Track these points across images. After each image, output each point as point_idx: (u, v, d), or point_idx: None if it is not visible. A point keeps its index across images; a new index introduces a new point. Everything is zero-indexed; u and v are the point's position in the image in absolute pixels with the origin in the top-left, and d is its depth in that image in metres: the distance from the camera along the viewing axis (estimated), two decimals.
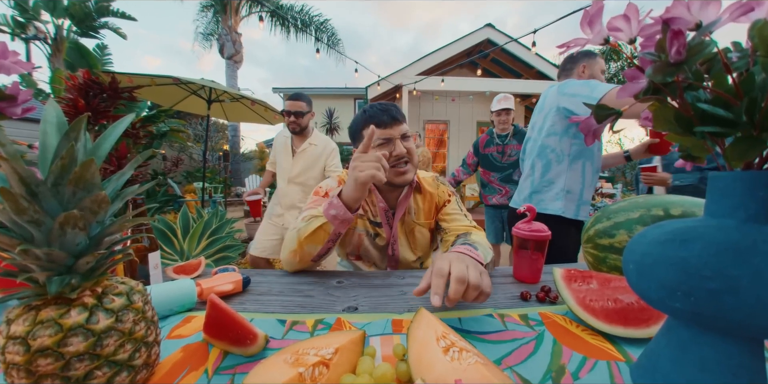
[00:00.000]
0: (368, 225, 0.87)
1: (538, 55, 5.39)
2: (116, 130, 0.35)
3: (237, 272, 0.66)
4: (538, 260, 0.68)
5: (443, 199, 0.90)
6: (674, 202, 0.60)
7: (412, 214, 0.88)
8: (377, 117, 0.77)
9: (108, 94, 1.79)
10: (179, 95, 3.21)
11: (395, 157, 0.77)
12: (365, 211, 0.87)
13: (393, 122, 0.77)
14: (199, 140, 8.34)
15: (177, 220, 1.86)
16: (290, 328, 0.48)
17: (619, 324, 0.44)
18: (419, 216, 0.89)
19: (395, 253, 0.88)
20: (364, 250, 0.89)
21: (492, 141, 2.22)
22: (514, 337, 0.45)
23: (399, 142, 0.77)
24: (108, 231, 0.32)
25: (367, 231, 0.87)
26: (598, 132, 0.35)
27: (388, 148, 0.77)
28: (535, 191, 1.29)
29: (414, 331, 0.39)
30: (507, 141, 2.15)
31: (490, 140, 2.23)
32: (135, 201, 0.58)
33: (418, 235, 0.90)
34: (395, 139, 0.77)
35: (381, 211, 0.86)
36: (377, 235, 0.87)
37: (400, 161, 0.78)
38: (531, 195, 1.30)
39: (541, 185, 1.27)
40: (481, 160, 2.34)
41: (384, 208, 0.86)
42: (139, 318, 0.34)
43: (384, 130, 0.77)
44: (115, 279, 0.36)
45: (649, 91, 0.28)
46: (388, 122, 0.77)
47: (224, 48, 8.52)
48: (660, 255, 0.29)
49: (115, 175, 0.34)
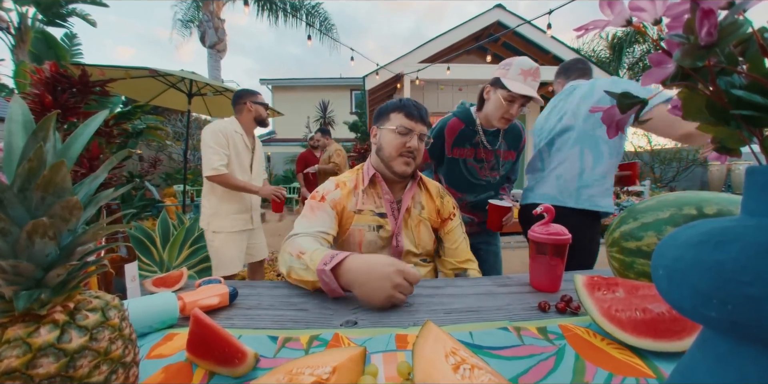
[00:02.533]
0: (371, 218, 0.92)
1: (554, 38, 5.39)
2: (88, 128, 0.35)
3: (223, 284, 0.66)
4: (558, 266, 0.68)
5: (448, 211, 1.00)
6: (708, 200, 0.59)
7: (418, 209, 0.97)
8: (411, 108, 0.91)
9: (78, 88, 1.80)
10: (156, 89, 3.22)
11: (407, 149, 0.90)
12: (370, 204, 0.94)
13: (421, 120, 0.91)
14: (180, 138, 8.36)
15: (156, 227, 1.87)
16: (283, 346, 0.48)
17: (648, 336, 0.44)
18: (426, 212, 0.97)
19: (399, 245, 0.93)
20: (367, 243, 0.93)
21: (469, 136, 1.28)
22: (532, 352, 0.45)
23: (416, 137, 0.91)
24: (80, 240, 0.32)
25: (369, 225, 0.92)
26: (622, 123, 0.35)
27: (406, 139, 0.90)
28: (586, 186, 1.25)
29: (420, 347, 0.39)
30: (497, 144, 1.31)
31: (467, 134, 1.28)
32: (109, 207, 0.59)
33: (423, 231, 0.96)
34: (414, 134, 0.91)
35: (386, 203, 0.94)
36: (380, 227, 0.92)
37: (409, 153, 0.91)
38: (579, 190, 1.25)
39: (593, 179, 1.25)
40: (444, 169, 1.35)
41: (390, 200, 0.94)
42: (116, 336, 0.34)
43: (410, 121, 0.90)
44: (89, 293, 0.36)
45: (677, 77, 0.28)
46: (417, 117, 0.90)
47: (206, 36, 8.56)
48: (693, 259, 0.29)
49: (88, 178, 0.35)
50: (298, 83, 11.85)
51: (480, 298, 0.66)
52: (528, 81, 1.12)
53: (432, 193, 1.01)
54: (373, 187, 0.96)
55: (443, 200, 1.01)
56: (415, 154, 0.91)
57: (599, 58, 9.45)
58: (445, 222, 1.00)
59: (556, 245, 0.67)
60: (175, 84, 3.14)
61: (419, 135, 0.91)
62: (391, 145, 0.90)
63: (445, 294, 0.69)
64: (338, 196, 0.91)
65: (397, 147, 0.90)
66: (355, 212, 0.92)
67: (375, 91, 5.80)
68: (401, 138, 0.89)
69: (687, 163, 8.57)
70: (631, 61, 9.23)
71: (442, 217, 1.00)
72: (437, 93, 6.30)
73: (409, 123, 0.90)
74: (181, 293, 0.59)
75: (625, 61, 9.26)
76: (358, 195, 0.94)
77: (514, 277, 0.79)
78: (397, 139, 0.90)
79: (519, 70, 1.12)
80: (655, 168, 8.96)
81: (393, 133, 0.90)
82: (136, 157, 5.92)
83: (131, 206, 3.40)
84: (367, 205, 0.93)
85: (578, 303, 0.60)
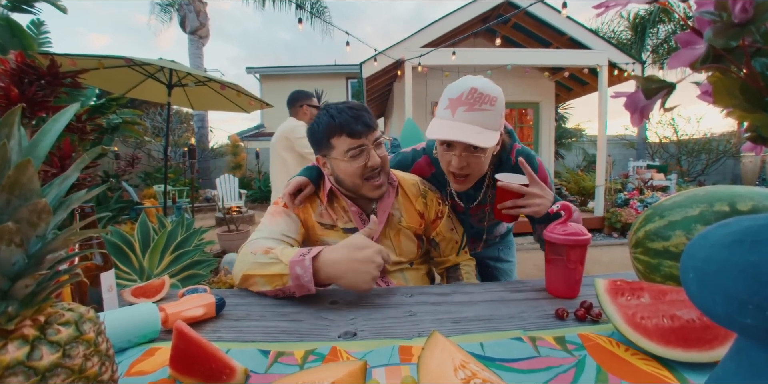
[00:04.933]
0: (343, 235, 0.89)
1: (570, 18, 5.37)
2: (57, 124, 0.35)
3: (209, 293, 0.66)
4: (576, 270, 0.68)
5: (434, 211, 0.96)
6: (742, 195, 0.59)
7: (396, 216, 0.93)
8: (350, 126, 0.79)
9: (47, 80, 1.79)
10: (133, 80, 3.22)
11: (370, 169, 0.82)
12: (334, 220, 0.91)
13: (367, 130, 0.81)
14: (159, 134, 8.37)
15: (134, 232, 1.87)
16: (275, 361, 0.48)
17: (677, 346, 0.44)
18: (404, 219, 0.93)
19: None
20: None
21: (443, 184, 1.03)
22: (549, 364, 0.45)
23: (373, 151, 0.82)
24: (50, 247, 0.32)
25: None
26: (647, 109, 0.34)
27: (363, 160, 0.81)
28: None
29: (426, 361, 0.39)
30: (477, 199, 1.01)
31: (439, 181, 1.04)
32: (83, 210, 0.59)
33: (403, 240, 0.93)
34: (369, 149, 0.81)
35: (354, 216, 0.90)
36: None
37: (374, 172, 0.84)
38: None
39: None
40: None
41: (357, 212, 0.90)
42: (91, 352, 0.34)
43: (356, 140, 0.80)
44: (61, 305, 0.36)
45: (708, 58, 0.28)
46: (362, 131, 0.80)
47: (186, 20, 8.55)
48: (726, 260, 0.29)
49: (58, 178, 0.34)
50: (289, 71, 11.84)
51: (491, 306, 0.66)
52: (458, 114, 0.79)
53: (410, 195, 0.95)
54: (336, 201, 0.92)
55: (426, 200, 0.96)
56: (382, 167, 0.84)
57: (620, 39, 9.41)
58: (434, 223, 0.96)
59: (574, 246, 0.67)
60: (154, 74, 3.14)
61: (375, 145, 0.82)
62: (350, 174, 0.82)
63: (452, 301, 0.69)
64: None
65: (358, 173, 0.81)
66: (324, 226, 0.91)
67: (373, 79, 5.78)
68: (357, 161, 0.80)
69: (717, 154, 8.56)
70: (655, 42, 9.19)
71: (428, 220, 0.96)
72: (442, 80, 6.29)
73: (357, 141, 0.79)
74: (162, 304, 0.59)
75: (649, 43, 9.22)
76: (321, 211, 0.91)
77: (528, 282, 0.79)
78: (353, 165, 0.80)
79: (446, 102, 0.82)
80: (682, 160, 8.94)
81: (345, 160, 0.80)
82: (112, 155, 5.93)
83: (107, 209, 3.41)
84: (336, 221, 0.91)
85: (599, 310, 0.60)
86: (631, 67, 4.99)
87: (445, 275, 1.01)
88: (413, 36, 5.23)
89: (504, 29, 6.16)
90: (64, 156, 1.71)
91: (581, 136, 10.17)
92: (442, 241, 0.97)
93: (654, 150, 9.44)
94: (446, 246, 0.98)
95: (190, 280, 1.76)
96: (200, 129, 8.94)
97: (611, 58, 4.99)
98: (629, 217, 4.58)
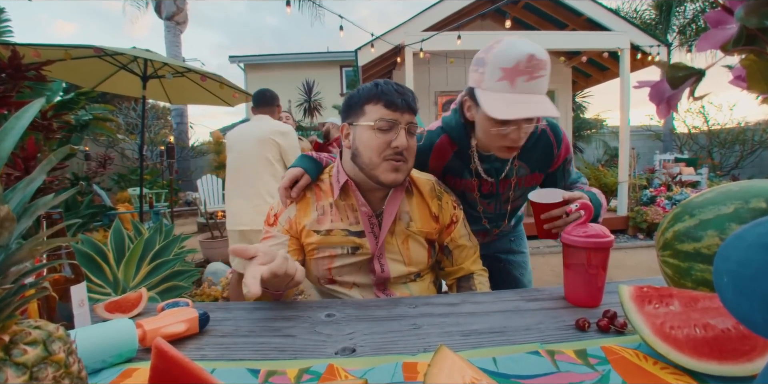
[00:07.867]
0: (344, 240, 0.88)
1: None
2: (20, 121, 0.35)
3: (191, 307, 0.66)
4: (598, 276, 0.68)
5: (449, 214, 0.96)
6: None
7: (405, 220, 0.91)
8: (390, 95, 0.81)
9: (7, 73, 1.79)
10: (104, 72, 3.22)
11: (393, 149, 0.81)
12: (341, 220, 0.89)
13: (407, 108, 0.83)
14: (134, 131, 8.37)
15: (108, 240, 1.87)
16: (266, 380, 0.48)
17: (711, 358, 0.44)
18: (415, 223, 0.92)
19: (384, 270, 0.90)
20: (337, 270, 0.90)
21: (468, 161, 1.05)
22: (570, 381, 0.45)
23: (403, 132, 0.82)
24: (14, 258, 0.32)
25: (343, 247, 0.89)
26: (674, 100, 0.34)
27: (389, 136, 0.81)
28: None
29: (433, 378, 0.39)
30: (503, 172, 1.05)
31: (463, 159, 1.05)
32: (50, 216, 0.59)
33: (413, 247, 0.92)
34: (400, 127, 0.82)
35: (364, 217, 0.89)
36: (357, 248, 0.89)
37: (396, 155, 0.82)
38: None
39: None
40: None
41: (368, 213, 0.89)
42: (62, 374, 0.34)
43: (393, 112, 0.81)
44: (27, 322, 0.36)
45: (740, 39, 0.28)
46: (401, 105, 0.82)
47: (162, 5, 8.54)
48: (764, 263, 0.29)
49: (22, 182, 0.34)
50: (277, 60, 11.84)
51: (505, 317, 0.66)
52: (519, 85, 0.80)
53: (425, 195, 0.94)
54: (345, 197, 0.90)
55: (441, 202, 0.95)
56: (405, 154, 0.83)
57: (643, 20, 9.42)
58: (449, 228, 0.95)
59: (595, 250, 0.67)
60: (127, 65, 3.13)
61: (407, 128, 0.83)
62: (371, 148, 0.82)
63: (461, 312, 0.69)
64: (293, 215, 0.89)
65: (379, 149, 0.81)
66: (320, 233, 0.88)
67: (370, 67, 5.78)
68: (383, 136, 0.81)
69: (752, 145, 8.56)
70: (681, 22, 9.20)
71: (442, 224, 0.95)
72: (446, 67, 6.30)
73: (391, 114, 0.81)
74: (140, 320, 0.59)
75: (675, 24, 9.23)
76: (324, 209, 0.90)
77: (545, 290, 0.79)
78: (378, 138, 0.81)
79: (499, 72, 0.80)
80: (714, 152, 8.94)
81: (371, 130, 0.81)
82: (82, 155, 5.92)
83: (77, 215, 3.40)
84: (337, 222, 0.88)
85: (624, 319, 0.60)
86: (655, 50, 4.98)
87: (455, 285, 1.00)
88: (414, 19, 5.23)
89: (514, 10, 6.15)
90: (29, 157, 1.71)
91: (602, 128, 10.17)
92: (456, 249, 0.97)
93: (682, 141, 9.45)
94: (460, 253, 0.97)
95: (170, 292, 1.76)
96: (179, 125, 8.94)
97: (633, 41, 4.98)
98: (656, 216, 4.59)
